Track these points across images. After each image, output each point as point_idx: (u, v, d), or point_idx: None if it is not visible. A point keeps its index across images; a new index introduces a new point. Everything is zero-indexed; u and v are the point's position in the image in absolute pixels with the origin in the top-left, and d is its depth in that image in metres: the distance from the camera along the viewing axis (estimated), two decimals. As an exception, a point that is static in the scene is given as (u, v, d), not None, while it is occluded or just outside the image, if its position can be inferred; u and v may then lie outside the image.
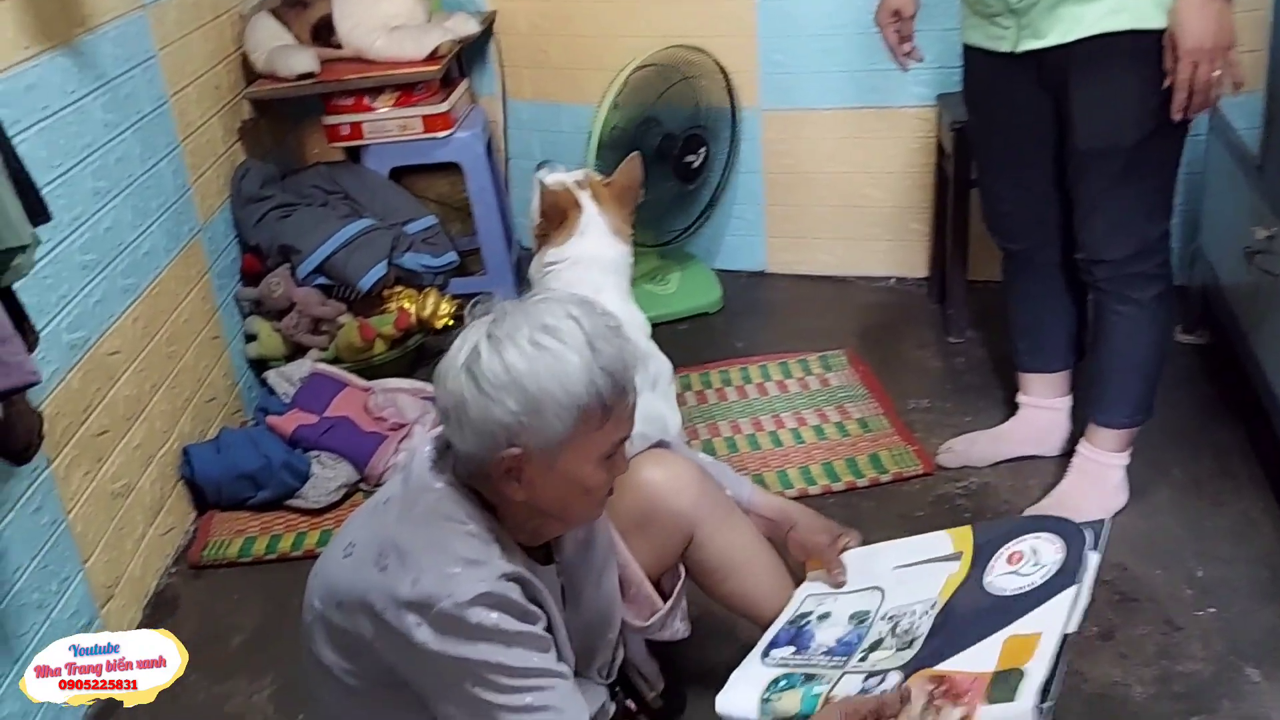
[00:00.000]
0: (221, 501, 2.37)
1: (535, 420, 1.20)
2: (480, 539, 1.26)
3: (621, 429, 1.27)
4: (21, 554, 1.75)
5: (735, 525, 1.65)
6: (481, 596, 1.20)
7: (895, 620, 1.50)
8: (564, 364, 1.20)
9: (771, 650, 1.56)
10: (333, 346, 2.74)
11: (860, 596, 1.59)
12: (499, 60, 3.38)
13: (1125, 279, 1.99)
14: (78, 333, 1.98)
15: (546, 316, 1.23)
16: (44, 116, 1.92)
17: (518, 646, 1.23)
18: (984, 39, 1.99)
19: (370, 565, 1.24)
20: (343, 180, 2.93)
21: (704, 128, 3.04)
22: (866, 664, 1.44)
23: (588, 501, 1.31)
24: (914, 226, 3.18)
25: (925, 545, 1.61)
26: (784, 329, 3.05)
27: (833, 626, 1.55)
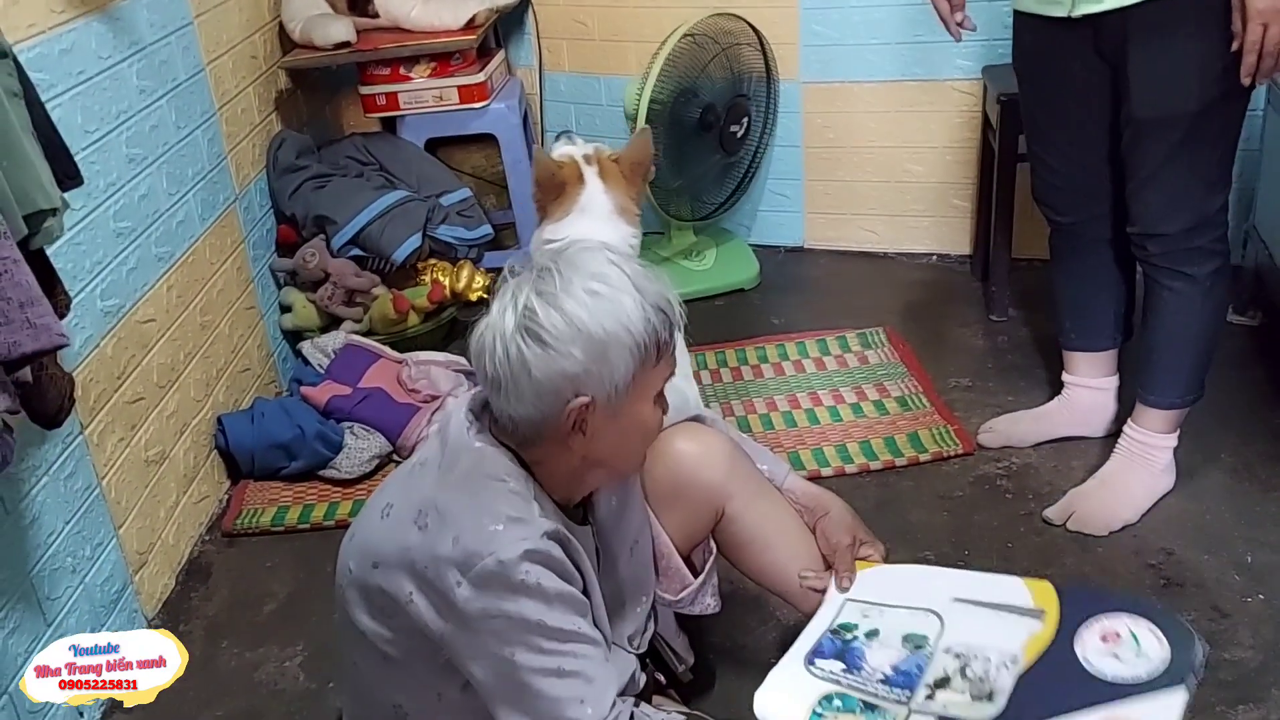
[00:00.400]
0: (255, 471, 2.37)
1: (602, 366, 1.21)
2: (521, 496, 1.26)
3: (669, 365, 1.29)
4: (55, 519, 1.76)
5: (767, 500, 1.62)
6: (525, 554, 1.20)
7: (964, 661, 1.39)
8: (621, 306, 1.21)
9: (816, 659, 1.45)
10: (367, 318, 2.73)
11: (913, 616, 1.47)
12: (536, 32, 3.34)
13: (1181, 254, 1.92)
14: (111, 300, 1.98)
15: (593, 265, 1.24)
16: (79, 82, 1.91)
17: (557, 607, 1.23)
18: (1037, 4, 1.93)
19: (409, 524, 1.24)
20: (378, 151, 2.91)
21: (746, 96, 2.99)
22: (936, 705, 1.33)
23: (644, 446, 1.33)
24: (957, 203, 3.11)
25: (996, 587, 1.48)
26: (822, 306, 3.00)
27: (885, 649, 1.44)
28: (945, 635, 1.43)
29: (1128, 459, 2.07)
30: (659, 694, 1.62)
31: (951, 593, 1.49)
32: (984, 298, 2.89)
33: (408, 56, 2.83)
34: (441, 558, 1.21)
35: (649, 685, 1.57)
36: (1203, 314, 1.97)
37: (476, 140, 3.07)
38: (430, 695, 1.32)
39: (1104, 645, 1.34)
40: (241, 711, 1.82)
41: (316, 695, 1.83)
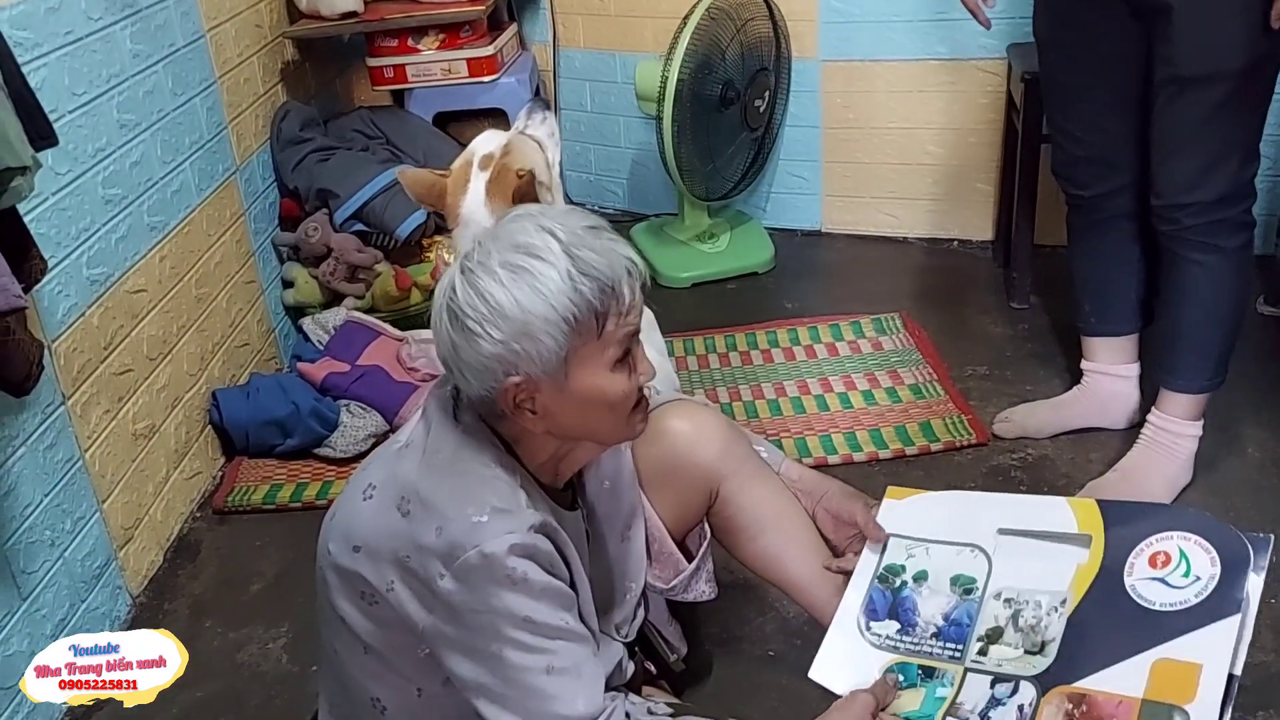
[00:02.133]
0: (249, 448, 2.32)
1: (528, 344, 1.14)
2: (507, 484, 1.20)
3: (624, 328, 1.18)
4: (32, 490, 1.71)
5: (763, 482, 1.54)
6: (511, 548, 1.14)
7: (1016, 608, 1.38)
8: (543, 280, 1.13)
9: (872, 623, 1.44)
10: (369, 295, 2.67)
11: (959, 554, 1.45)
12: (551, 6, 3.27)
13: (1212, 225, 1.83)
14: (98, 268, 1.93)
15: (519, 235, 1.16)
16: (66, 42, 1.86)
17: (544, 602, 1.18)
18: None
19: (391, 509, 1.19)
20: (385, 125, 2.86)
21: (767, 69, 2.91)
22: (989, 660, 1.34)
23: (616, 415, 1.22)
24: (979, 186, 3.02)
25: (1039, 512, 1.44)
26: (837, 291, 2.92)
27: (934, 595, 1.43)
28: (994, 577, 1.41)
29: (1151, 449, 1.98)
30: (649, 684, 1.56)
31: (996, 523, 1.45)
32: (1005, 284, 2.80)
33: (415, 27, 2.77)
34: (425, 547, 1.15)
35: (638, 675, 1.50)
36: (1232, 289, 1.89)
37: (486, 115, 3.00)
38: (410, 690, 1.26)
39: (1153, 570, 1.31)
40: (221, 692, 1.77)
41: (298, 678, 1.78)
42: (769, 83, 2.93)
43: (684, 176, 2.89)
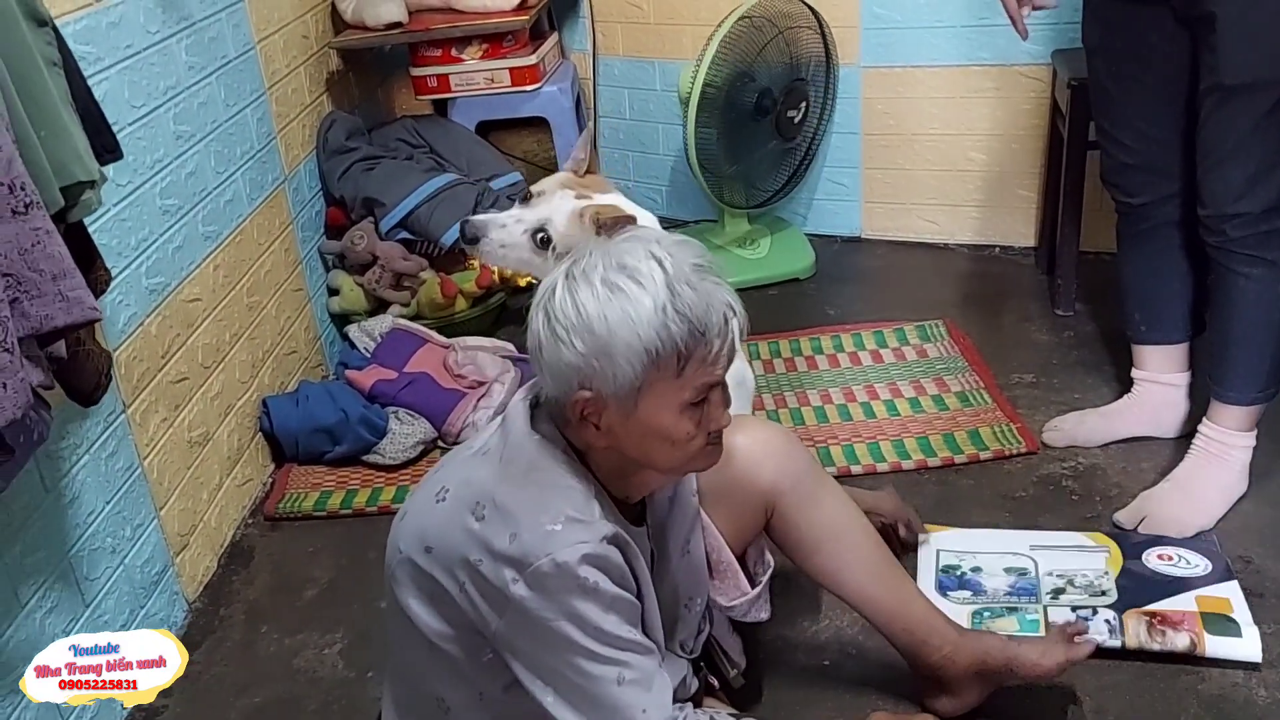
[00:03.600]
0: (299, 455, 2.34)
1: (605, 364, 1.15)
2: (582, 494, 1.22)
3: (705, 376, 1.18)
4: (95, 498, 1.73)
5: (824, 498, 1.54)
6: (583, 558, 1.16)
7: (1068, 577, 1.78)
8: (636, 306, 1.14)
9: (948, 592, 1.78)
10: (414, 302, 2.69)
11: (1003, 558, 1.85)
12: (591, 15, 3.28)
13: (1259, 237, 1.81)
14: (157, 278, 1.95)
15: (626, 256, 1.16)
16: (126, 56, 1.89)
17: (613, 613, 1.19)
18: None
19: (466, 513, 1.20)
20: (428, 134, 2.88)
21: (804, 80, 2.90)
22: (1063, 603, 1.72)
23: (675, 452, 1.22)
24: (1022, 193, 3.01)
25: (1059, 536, 1.89)
26: (879, 297, 2.91)
27: (994, 577, 1.81)
28: (1042, 567, 1.81)
29: (1204, 459, 1.96)
30: (709, 696, 1.56)
31: (1026, 543, 1.88)
32: (1049, 291, 2.78)
33: (459, 37, 2.79)
34: (498, 553, 1.17)
35: (700, 689, 1.51)
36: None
37: (528, 125, 3.02)
38: (473, 692, 1.28)
39: (1161, 562, 1.81)
40: (278, 698, 1.79)
41: (355, 684, 1.79)
42: (806, 94, 2.92)
43: (711, 182, 2.90)
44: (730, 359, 1.21)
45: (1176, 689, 1.61)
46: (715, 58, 2.75)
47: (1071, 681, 1.60)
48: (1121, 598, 1.71)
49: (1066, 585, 1.76)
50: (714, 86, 2.82)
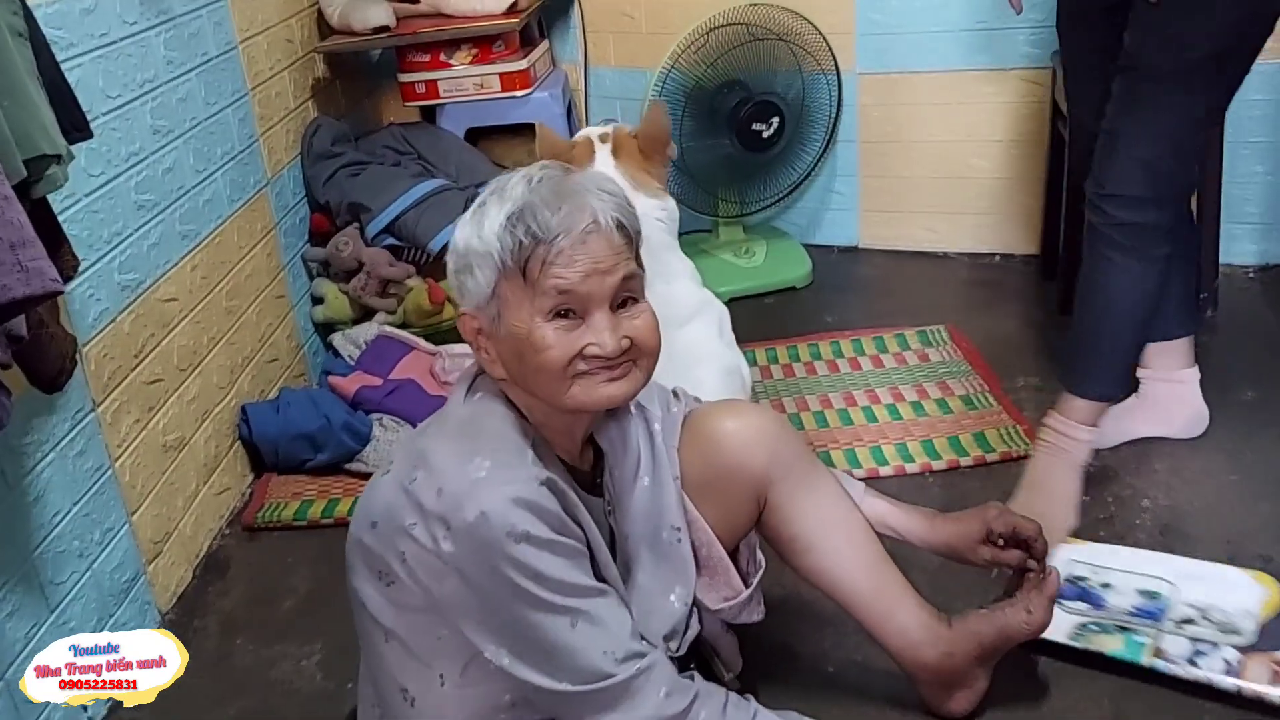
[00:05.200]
0: (279, 463, 2.26)
1: (467, 278, 1.23)
2: (514, 443, 1.21)
3: (553, 278, 1.18)
4: (62, 498, 1.65)
5: (818, 488, 1.47)
6: (513, 501, 1.13)
7: (1204, 610, 1.59)
8: (488, 218, 1.20)
9: (1062, 600, 1.60)
10: (401, 310, 2.62)
11: (1140, 579, 1.68)
12: (582, 25, 3.24)
13: (1136, 229, 1.79)
14: (130, 274, 1.88)
15: (508, 181, 1.23)
16: (101, 44, 1.83)
17: (554, 556, 1.16)
18: None
19: (402, 478, 1.19)
20: (416, 141, 2.82)
21: (780, 96, 2.84)
22: (1186, 634, 1.55)
23: (552, 375, 1.21)
24: (1023, 199, 2.95)
25: (1214, 568, 1.69)
26: (878, 305, 2.85)
27: (1122, 595, 1.66)
28: (1180, 593, 1.63)
29: (1050, 455, 1.91)
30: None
31: (1174, 568, 1.69)
32: (1053, 296, 2.72)
33: (448, 41, 2.74)
34: (428, 511, 1.15)
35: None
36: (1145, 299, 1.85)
37: (518, 134, 2.96)
38: (433, 678, 1.23)
39: None
40: (255, 710, 1.70)
41: (334, 695, 1.70)
42: (780, 109, 2.83)
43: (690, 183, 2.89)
44: (595, 268, 1.19)
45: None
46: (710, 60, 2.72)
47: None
48: (1259, 641, 1.52)
49: (1199, 617, 1.59)
50: (703, 88, 2.79)
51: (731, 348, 1.92)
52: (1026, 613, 1.46)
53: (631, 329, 1.23)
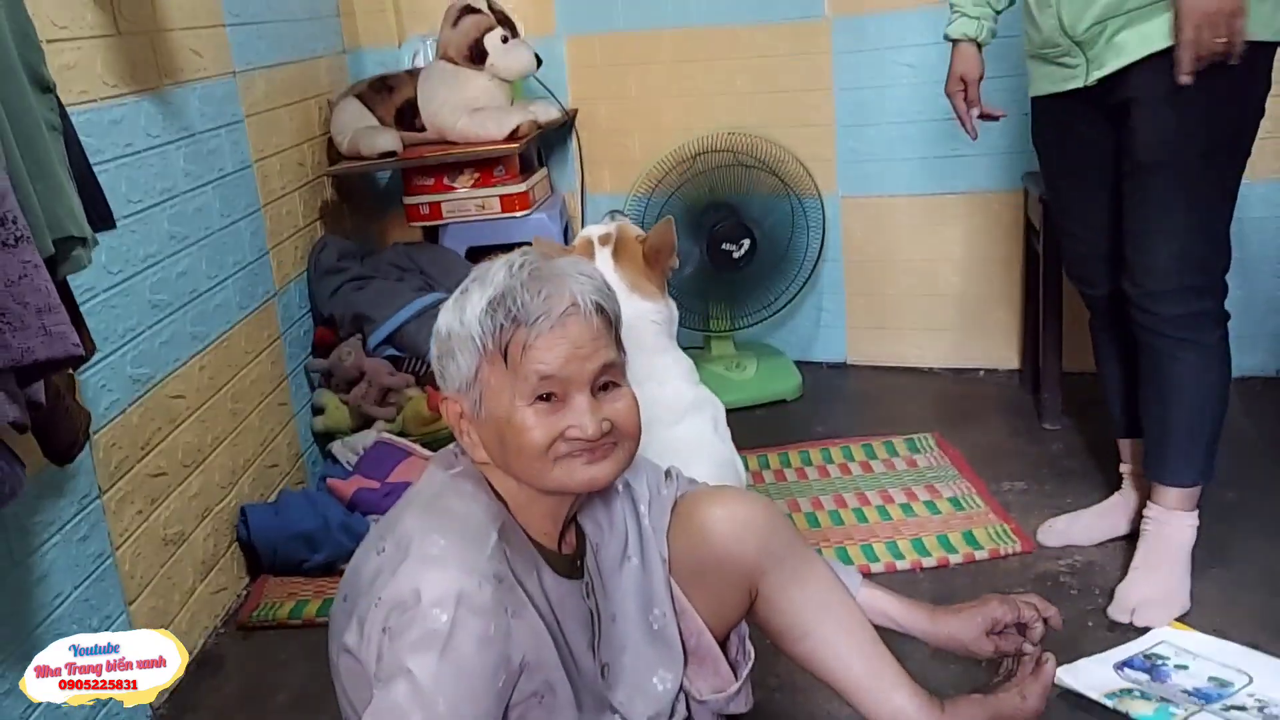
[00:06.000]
0: (276, 564, 2.27)
1: (449, 362, 1.24)
2: (475, 525, 1.21)
3: (534, 363, 1.20)
4: (64, 580, 1.67)
5: (810, 578, 1.45)
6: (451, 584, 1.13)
7: (1265, 703, 1.61)
8: (469, 302, 1.22)
9: (1125, 668, 1.72)
10: (400, 418, 2.68)
11: (1222, 669, 1.71)
12: (579, 156, 3.40)
13: (1190, 318, 1.86)
14: (141, 368, 1.95)
15: (491, 267, 1.25)
16: (125, 153, 1.94)
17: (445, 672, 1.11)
18: (1053, 84, 1.95)
19: (371, 550, 1.21)
20: (419, 258, 2.93)
21: (755, 220, 2.98)
22: (1228, 716, 1.57)
23: (533, 458, 1.22)
24: (1001, 316, 3.06)
25: None
26: (866, 416, 2.91)
27: (1190, 677, 1.69)
28: (1252, 686, 1.66)
29: (1157, 542, 1.95)
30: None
31: (1264, 664, 1.70)
32: (1035, 407, 2.80)
33: (451, 165, 2.88)
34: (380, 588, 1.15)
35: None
36: (1214, 384, 1.90)
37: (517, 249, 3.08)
38: None
39: None
40: (243, 802, 1.68)
41: (325, 786, 1.68)
42: (751, 233, 2.95)
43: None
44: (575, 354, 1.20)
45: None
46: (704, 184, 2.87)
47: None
48: None
49: (1254, 706, 1.60)
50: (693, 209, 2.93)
51: (726, 442, 1.96)
52: (1020, 699, 1.43)
53: (612, 412, 1.25)
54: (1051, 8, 1.86)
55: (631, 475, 1.43)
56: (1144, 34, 1.77)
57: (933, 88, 2.88)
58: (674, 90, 3.23)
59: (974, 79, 2.11)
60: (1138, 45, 1.78)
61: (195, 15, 2.25)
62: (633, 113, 3.30)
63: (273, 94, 2.64)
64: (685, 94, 3.21)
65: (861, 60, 3.01)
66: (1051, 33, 1.88)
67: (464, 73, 2.87)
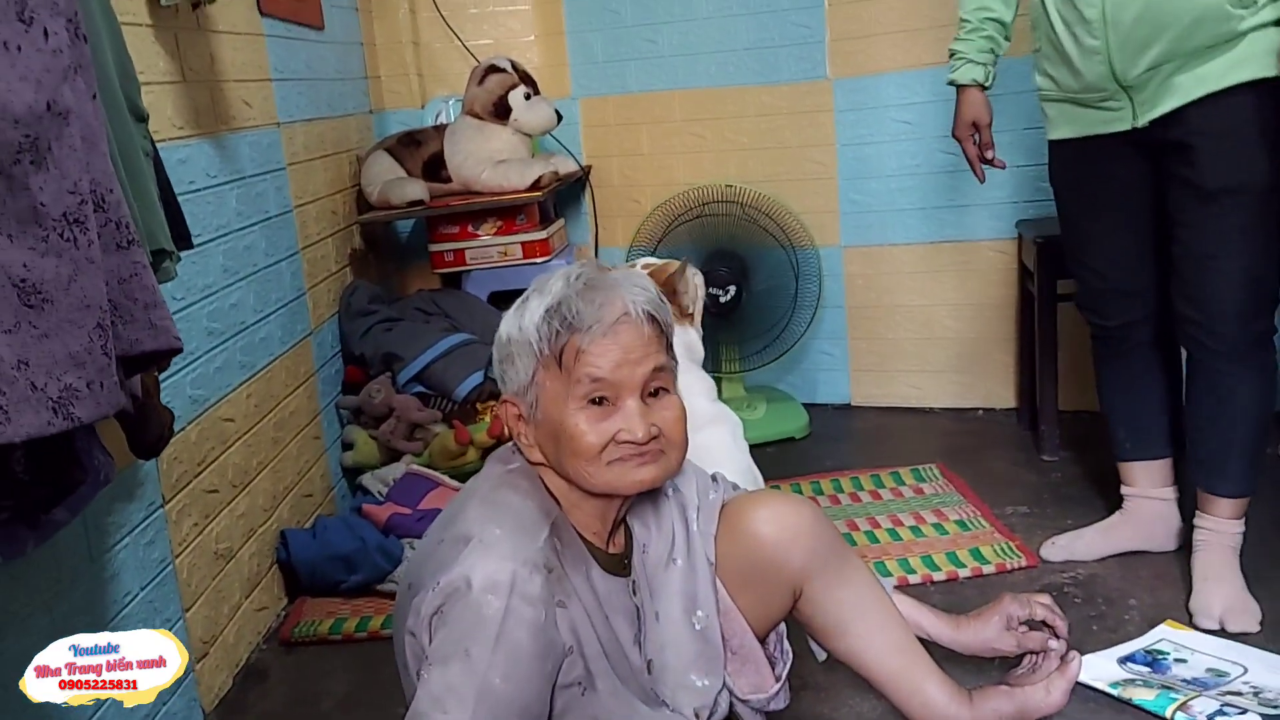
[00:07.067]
0: (314, 585, 2.37)
1: (508, 367, 1.33)
2: (530, 518, 1.30)
3: (586, 366, 1.28)
4: (132, 580, 1.77)
5: (851, 579, 1.53)
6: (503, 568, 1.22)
7: (1259, 690, 1.72)
8: (528, 310, 1.31)
9: (1128, 663, 1.85)
10: (427, 453, 2.79)
11: (1219, 661, 1.83)
12: (594, 210, 3.57)
13: (1251, 342, 1.95)
14: (199, 390, 2.07)
15: (549, 278, 1.34)
16: (189, 190, 2.08)
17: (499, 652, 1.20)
18: (1088, 127, 2.02)
19: (433, 541, 1.31)
20: (443, 303, 3.07)
21: (754, 269, 3.14)
22: (1224, 700, 1.68)
23: (585, 460, 1.30)
24: (998, 358, 3.21)
25: None
26: (873, 451, 3.04)
27: (1189, 669, 1.82)
28: (1247, 675, 1.78)
29: (1216, 551, 2.03)
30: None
31: (1260, 658, 1.82)
32: (1034, 442, 2.92)
33: (476, 212, 3.03)
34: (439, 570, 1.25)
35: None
36: (1269, 398, 2.00)
37: (536, 298, 3.22)
38: None
39: None
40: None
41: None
42: (735, 279, 3.12)
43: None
44: (626, 358, 1.29)
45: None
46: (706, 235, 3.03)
47: None
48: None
49: (1249, 692, 1.72)
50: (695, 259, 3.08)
51: (745, 453, 2.09)
52: (1045, 692, 1.50)
53: (660, 419, 1.33)
54: (1100, 55, 1.91)
55: (680, 480, 1.51)
56: (1199, 76, 1.85)
57: (930, 143, 3.11)
58: (684, 147, 3.41)
59: (985, 123, 2.18)
60: (1194, 86, 1.86)
61: (246, 69, 2.42)
62: (644, 169, 3.48)
63: (310, 146, 2.80)
64: (694, 150, 3.39)
65: (862, 118, 3.19)
66: (1098, 79, 1.93)
67: (489, 127, 3.04)
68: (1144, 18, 1.86)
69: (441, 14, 3.44)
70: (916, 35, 3.06)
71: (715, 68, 3.33)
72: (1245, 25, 1.82)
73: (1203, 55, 1.85)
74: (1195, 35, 1.84)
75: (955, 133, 2.23)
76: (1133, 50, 1.88)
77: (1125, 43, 1.88)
